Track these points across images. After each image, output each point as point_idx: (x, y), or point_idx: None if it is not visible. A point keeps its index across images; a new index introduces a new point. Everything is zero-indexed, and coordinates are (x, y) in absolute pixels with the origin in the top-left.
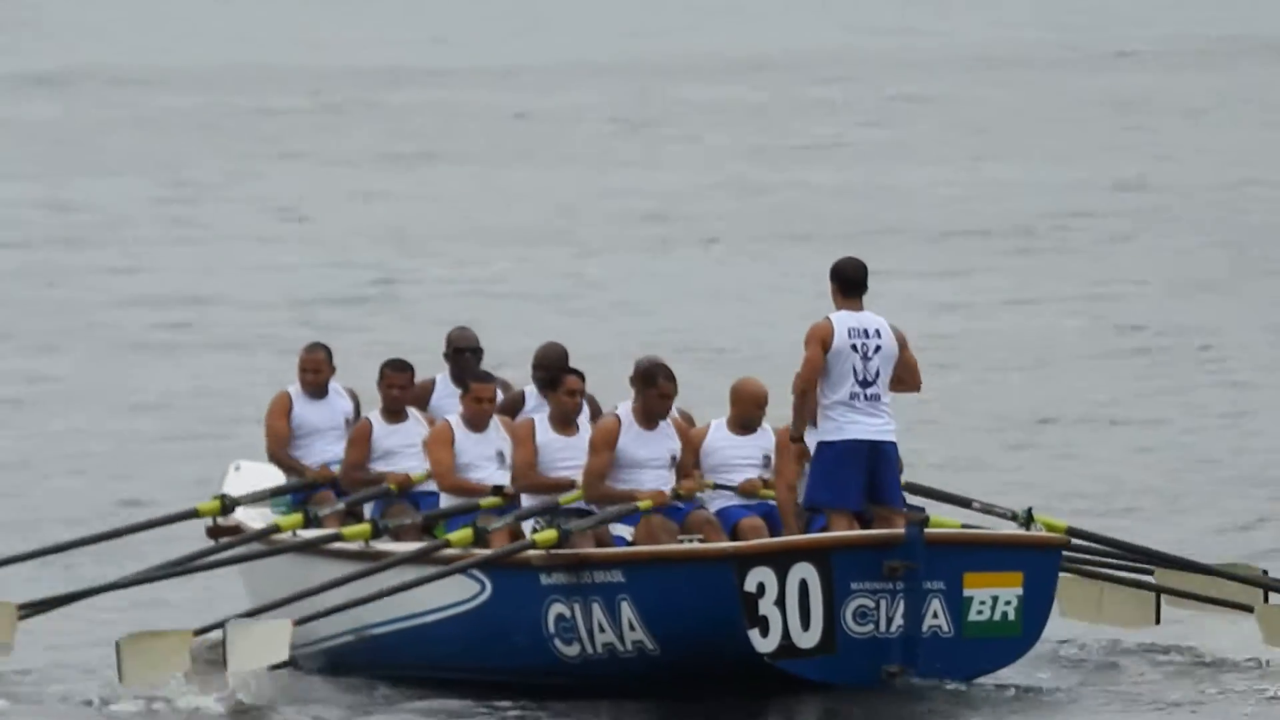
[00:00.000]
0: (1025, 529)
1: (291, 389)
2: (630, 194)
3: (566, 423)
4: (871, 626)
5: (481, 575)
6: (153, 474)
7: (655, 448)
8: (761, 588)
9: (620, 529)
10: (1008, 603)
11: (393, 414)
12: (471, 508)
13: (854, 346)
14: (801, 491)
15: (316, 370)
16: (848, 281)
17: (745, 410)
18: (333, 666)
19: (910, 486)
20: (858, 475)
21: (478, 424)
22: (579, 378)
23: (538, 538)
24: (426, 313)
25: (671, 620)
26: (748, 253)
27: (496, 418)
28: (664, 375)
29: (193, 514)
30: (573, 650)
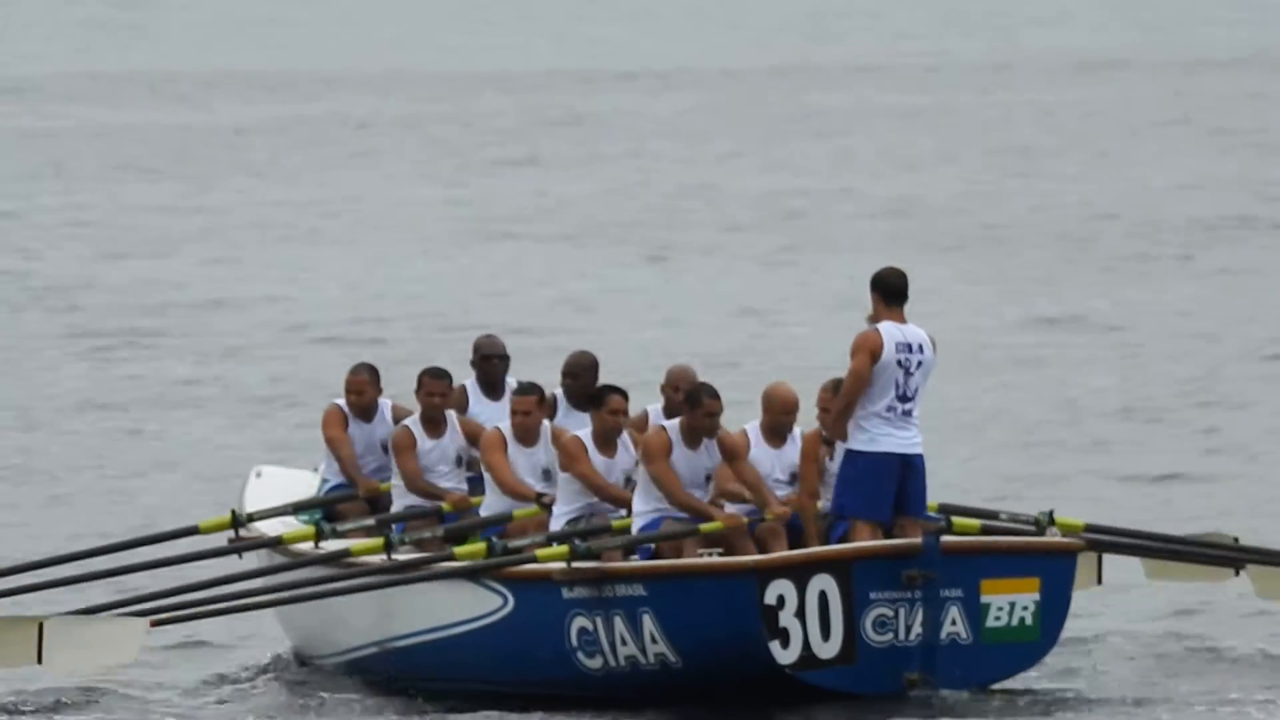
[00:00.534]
0: (1043, 533)
1: (340, 402)
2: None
3: (609, 442)
4: (891, 635)
5: (503, 588)
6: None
7: (696, 466)
8: (782, 600)
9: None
10: (1025, 608)
11: (432, 423)
12: (504, 518)
13: (899, 361)
14: (825, 495)
15: (360, 392)
16: (891, 290)
17: (775, 417)
18: (356, 677)
19: (943, 508)
20: (888, 487)
21: (526, 437)
22: (623, 397)
23: (541, 553)
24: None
25: (693, 633)
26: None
27: (548, 426)
28: (708, 394)
29: (193, 531)
30: (595, 663)
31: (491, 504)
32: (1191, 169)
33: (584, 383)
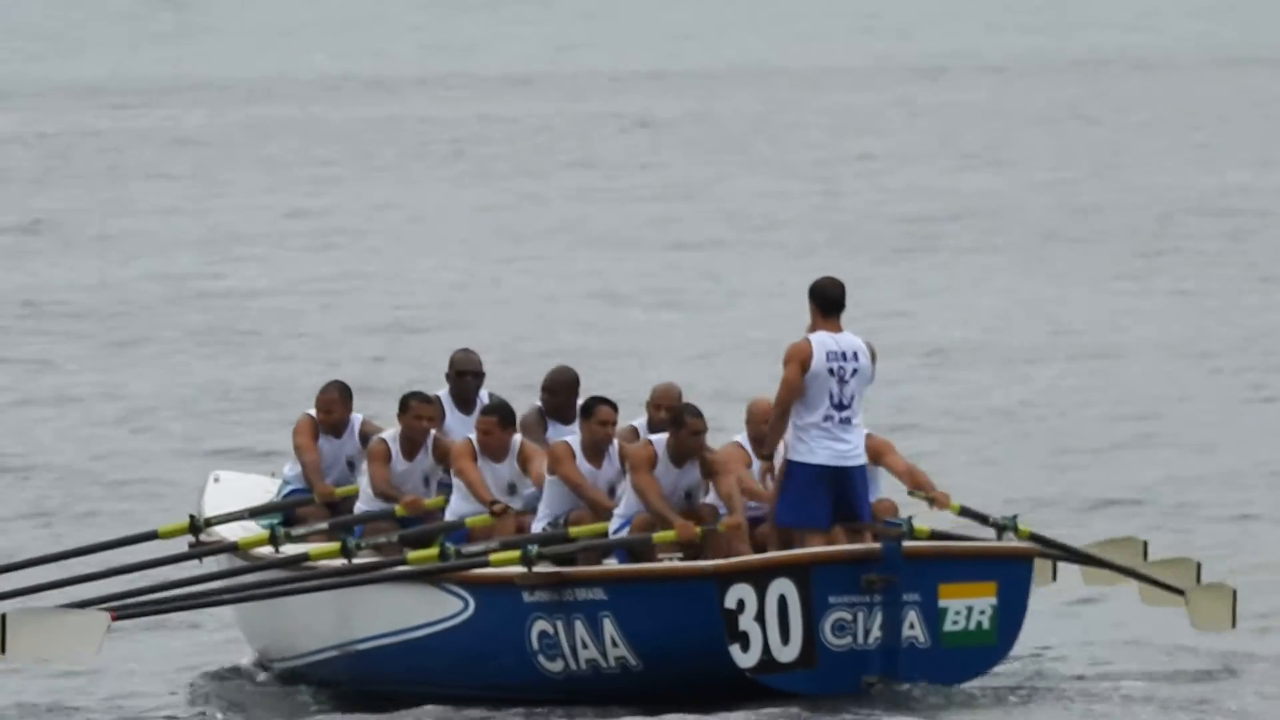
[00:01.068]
0: (1001, 537)
1: (312, 413)
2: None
3: (597, 452)
4: (850, 639)
5: (464, 592)
6: None
7: (678, 484)
8: (741, 604)
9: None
10: (982, 612)
11: (412, 445)
12: (455, 526)
13: (831, 370)
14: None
15: (329, 410)
16: (828, 301)
17: (755, 428)
18: (317, 681)
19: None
20: (825, 498)
21: (495, 453)
22: (612, 409)
23: (495, 558)
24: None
25: (653, 637)
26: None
27: (516, 444)
28: (691, 414)
29: (153, 536)
30: (556, 666)
31: (454, 509)
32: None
33: (562, 399)
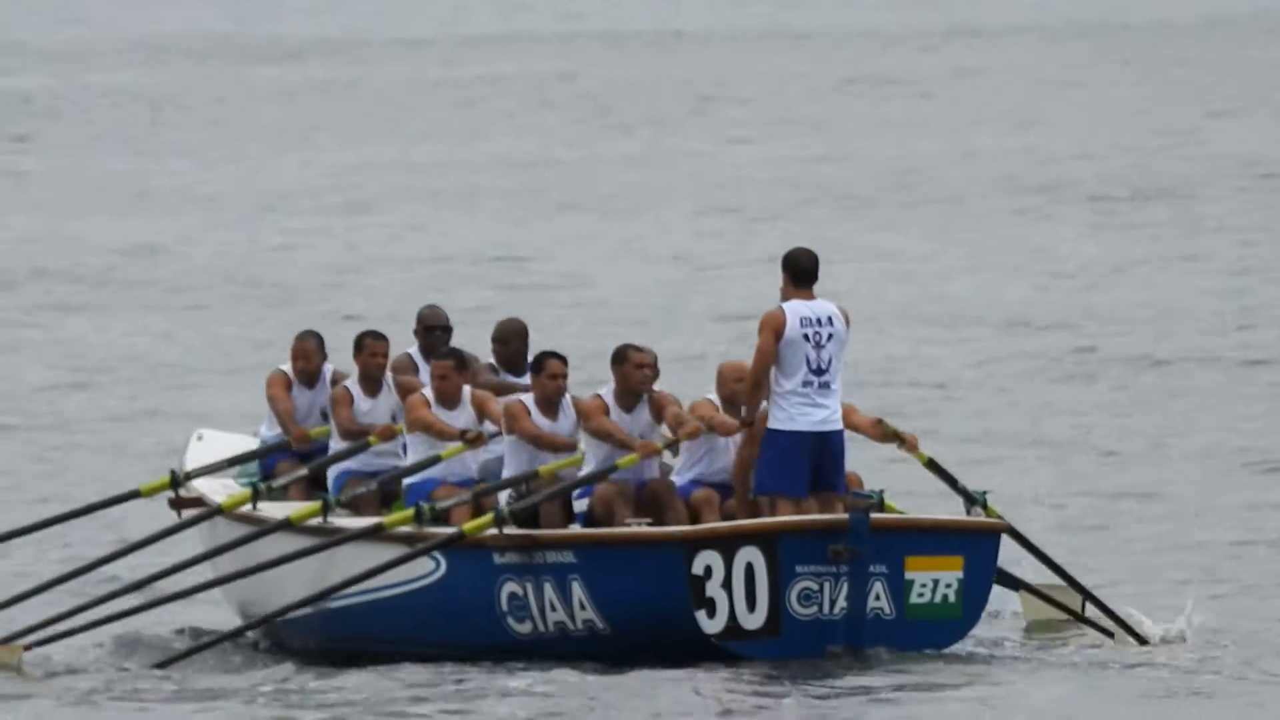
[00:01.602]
0: (969, 513)
1: (285, 368)
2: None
3: (550, 406)
4: (816, 609)
5: (436, 553)
6: None
7: (631, 429)
8: (709, 570)
9: (579, 504)
10: (948, 586)
11: (371, 383)
12: (433, 460)
13: (806, 336)
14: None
15: (307, 358)
16: (800, 271)
17: (727, 388)
18: (290, 640)
19: (930, 464)
20: (804, 465)
21: (446, 400)
22: (562, 361)
23: (467, 526)
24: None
25: (620, 601)
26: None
27: (468, 390)
28: (634, 349)
29: (134, 495)
30: (525, 628)
31: (419, 452)
32: None
33: (513, 349)
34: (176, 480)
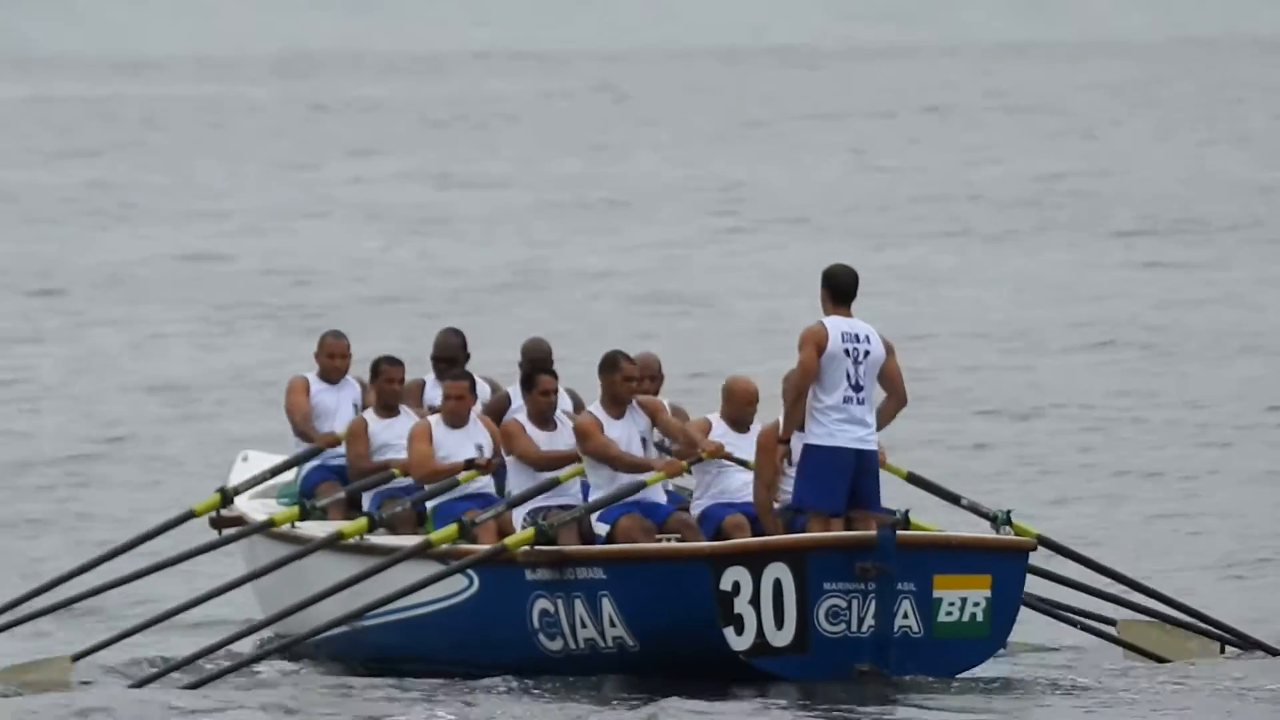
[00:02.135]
0: (997, 531)
1: (309, 375)
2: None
3: (544, 420)
4: (844, 626)
5: (470, 570)
6: None
7: (628, 432)
8: (737, 586)
9: (599, 527)
10: (976, 604)
11: (386, 409)
12: (452, 485)
13: (847, 351)
14: (784, 491)
15: (344, 355)
16: (840, 289)
17: (736, 409)
18: (326, 656)
19: (911, 478)
20: (843, 481)
21: (454, 420)
22: (552, 376)
23: (510, 540)
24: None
25: (650, 617)
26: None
27: (476, 415)
28: (624, 359)
29: (190, 515)
30: (556, 645)
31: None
32: None
33: (528, 373)
34: (227, 497)
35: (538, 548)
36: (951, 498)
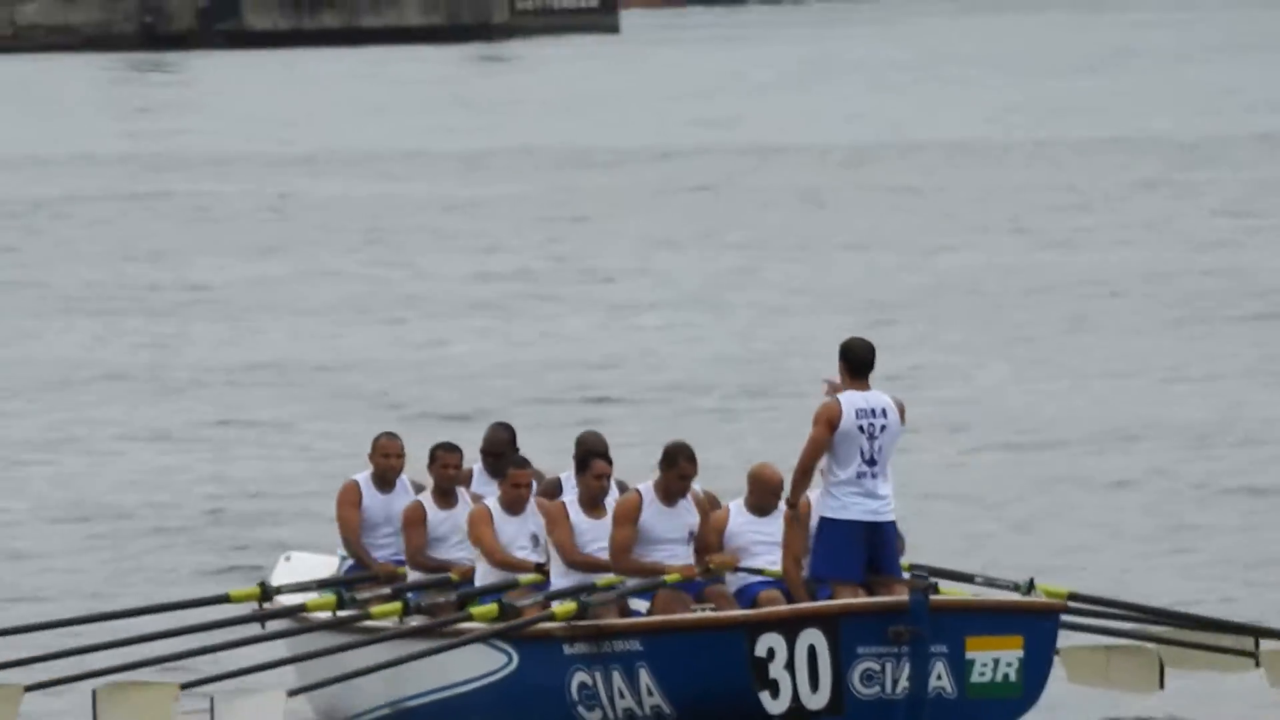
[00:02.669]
0: (1026, 595)
1: (359, 477)
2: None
3: (594, 505)
4: (878, 689)
5: (508, 647)
6: None
7: (675, 523)
8: (771, 652)
9: (637, 603)
10: (1009, 665)
11: (444, 495)
12: (510, 585)
13: (860, 428)
14: (807, 563)
15: (399, 455)
16: (856, 362)
17: (762, 497)
18: None
19: (915, 567)
20: (859, 553)
21: (514, 508)
22: (607, 462)
23: (557, 610)
24: None
25: (686, 685)
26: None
27: (534, 502)
28: (684, 457)
29: (224, 599)
30: (595, 716)
31: (486, 574)
32: None
33: (583, 458)
34: (267, 592)
35: (576, 623)
36: (964, 578)
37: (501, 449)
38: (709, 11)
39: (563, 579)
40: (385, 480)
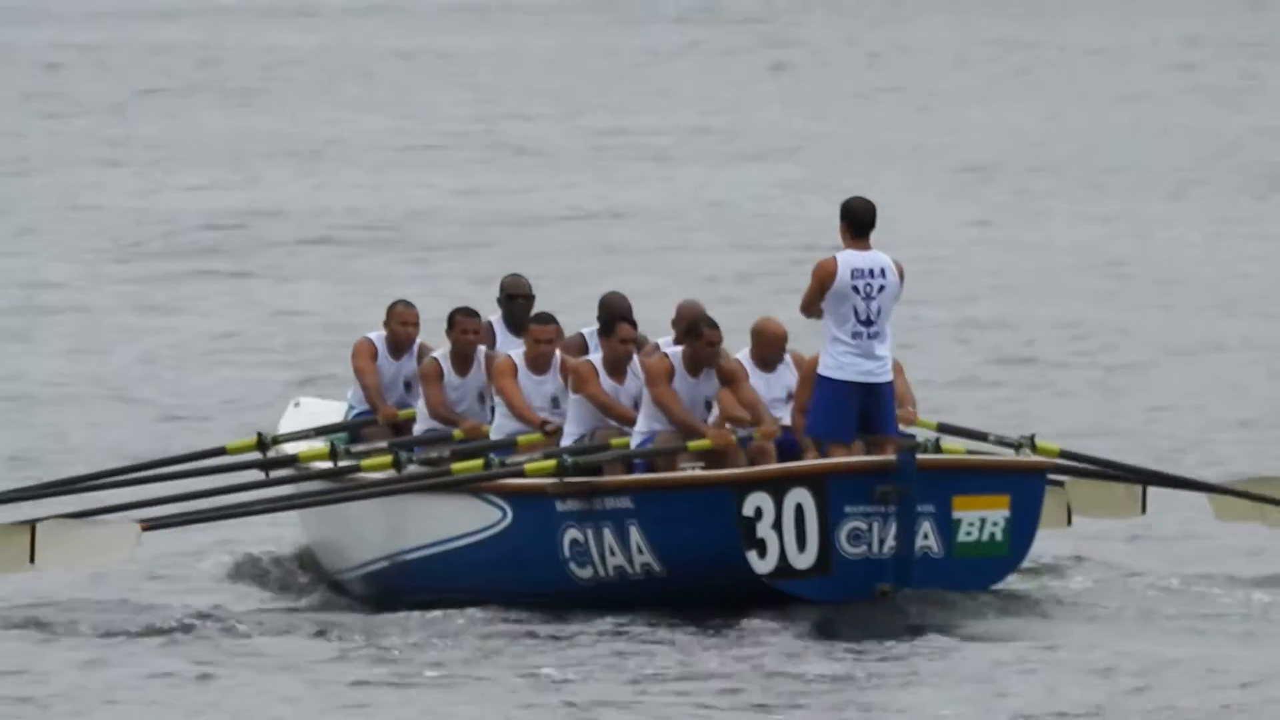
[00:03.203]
0: (1018, 453)
1: (373, 335)
2: None
3: (618, 369)
4: (865, 548)
5: (502, 502)
6: None
7: (696, 394)
8: (759, 511)
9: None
10: (995, 524)
11: (462, 360)
12: (509, 443)
13: (855, 288)
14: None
15: (414, 324)
16: (857, 222)
17: (765, 350)
18: (368, 590)
19: (941, 428)
20: (851, 413)
21: (538, 364)
22: (632, 326)
23: (529, 466)
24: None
25: (676, 543)
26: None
27: (559, 355)
28: (707, 325)
29: (220, 451)
30: (586, 573)
31: (500, 427)
32: None
33: (609, 321)
34: (264, 443)
35: (567, 480)
36: (979, 436)
37: (525, 291)
38: None
39: (572, 438)
40: (398, 346)
